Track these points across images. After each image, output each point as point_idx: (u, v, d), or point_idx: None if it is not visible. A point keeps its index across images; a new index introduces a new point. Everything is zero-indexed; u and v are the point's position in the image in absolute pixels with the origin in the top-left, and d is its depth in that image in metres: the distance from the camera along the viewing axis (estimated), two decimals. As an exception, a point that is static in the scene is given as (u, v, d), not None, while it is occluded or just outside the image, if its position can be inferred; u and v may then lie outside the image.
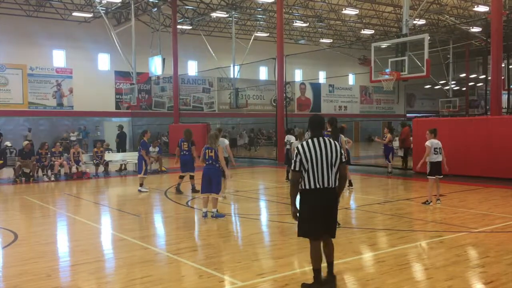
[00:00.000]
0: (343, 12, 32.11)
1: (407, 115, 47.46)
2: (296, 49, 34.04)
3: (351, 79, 46.50)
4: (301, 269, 6.04)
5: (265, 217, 10.08)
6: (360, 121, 44.25)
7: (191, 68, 37.61)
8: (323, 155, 5.06)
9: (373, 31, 39.23)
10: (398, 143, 18.40)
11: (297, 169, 5.07)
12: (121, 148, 22.12)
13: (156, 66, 27.16)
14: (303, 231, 5.19)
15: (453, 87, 41.92)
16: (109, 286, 5.58)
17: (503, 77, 20.53)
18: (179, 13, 31.39)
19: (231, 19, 30.96)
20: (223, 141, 11.55)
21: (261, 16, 34.26)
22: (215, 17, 32.29)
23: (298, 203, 5.21)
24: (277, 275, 5.75)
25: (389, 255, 6.58)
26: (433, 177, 10.42)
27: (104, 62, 33.87)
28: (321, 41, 41.80)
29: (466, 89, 44.03)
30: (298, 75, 42.87)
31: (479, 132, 15.02)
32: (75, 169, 17.13)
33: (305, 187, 5.08)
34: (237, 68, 29.26)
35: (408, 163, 17.57)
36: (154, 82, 34.98)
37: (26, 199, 12.55)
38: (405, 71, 16.11)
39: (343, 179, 5.27)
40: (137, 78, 26.62)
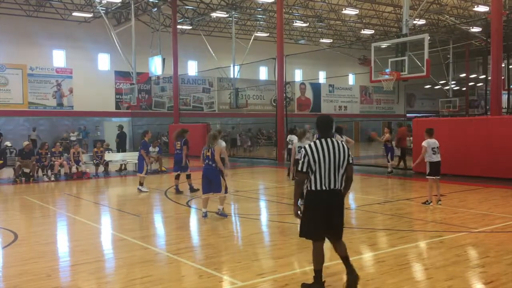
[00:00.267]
0: (343, 12, 32.10)
1: (407, 115, 47.34)
2: (296, 49, 34.02)
3: (351, 79, 46.46)
4: (301, 269, 6.04)
5: (265, 217, 10.08)
6: (360, 121, 44.22)
7: (191, 68, 37.59)
8: (331, 157, 4.97)
9: (373, 31, 39.22)
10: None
11: (304, 170, 4.96)
12: (121, 148, 22.16)
13: (156, 66, 27.15)
14: (304, 232, 5.16)
15: (453, 87, 41.85)
16: (109, 286, 5.58)
17: (503, 77, 20.51)
18: (179, 13, 31.38)
19: (231, 19, 30.96)
20: (220, 143, 11.58)
21: (261, 16, 34.25)
22: (215, 17, 32.28)
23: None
24: (277, 275, 5.76)
25: (389, 255, 6.59)
26: (432, 177, 10.42)
27: (104, 62, 33.85)
28: (321, 41, 41.77)
29: (466, 89, 43.98)
30: (298, 75, 42.84)
31: (479, 132, 15.01)
32: (75, 169, 17.12)
33: (311, 188, 5.01)
34: (237, 68, 29.25)
35: (406, 163, 17.57)
36: (154, 82, 34.96)
37: (26, 199, 12.54)
38: (405, 71, 16.10)
39: (349, 180, 5.21)
40: (137, 78, 26.62)
